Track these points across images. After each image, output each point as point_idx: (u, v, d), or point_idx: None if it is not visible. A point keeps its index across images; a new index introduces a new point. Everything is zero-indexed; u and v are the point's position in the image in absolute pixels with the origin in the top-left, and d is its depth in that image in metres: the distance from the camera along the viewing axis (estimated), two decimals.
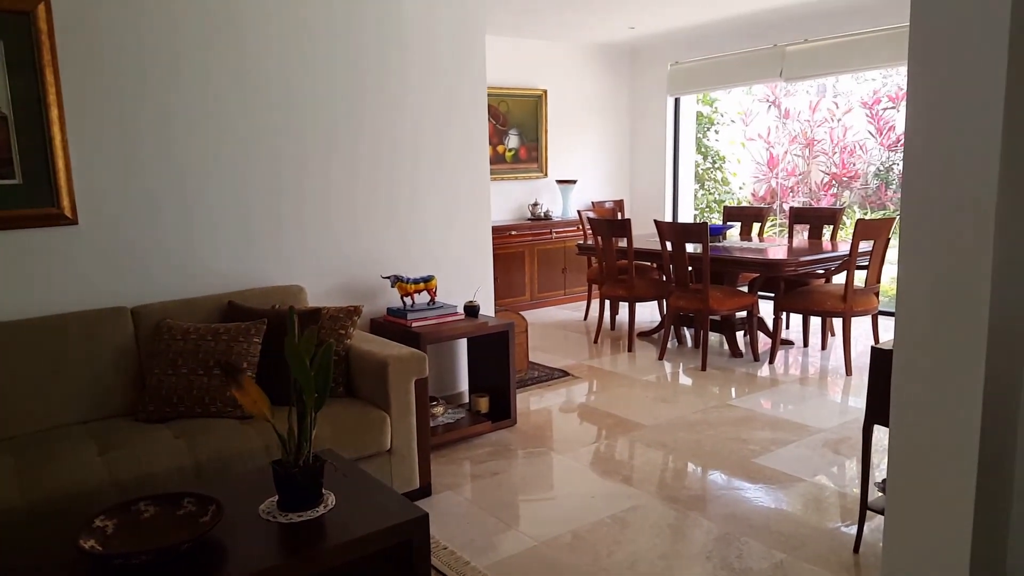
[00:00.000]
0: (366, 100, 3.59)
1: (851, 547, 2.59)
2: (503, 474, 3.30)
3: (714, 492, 3.10)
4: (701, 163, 9.56)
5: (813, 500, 3.00)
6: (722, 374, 4.82)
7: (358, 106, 3.57)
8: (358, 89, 3.56)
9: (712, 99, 9.58)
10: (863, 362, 4.86)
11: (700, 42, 7.22)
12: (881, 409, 2.24)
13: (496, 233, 6.26)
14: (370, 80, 3.59)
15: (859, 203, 9.18)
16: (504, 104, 7.04)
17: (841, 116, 9.25)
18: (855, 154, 9.24)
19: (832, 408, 4.15)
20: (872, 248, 4.64)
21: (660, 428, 3.83)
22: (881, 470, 2.89)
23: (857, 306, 4.63)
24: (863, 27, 5.99)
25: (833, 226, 5.64)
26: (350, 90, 3.53)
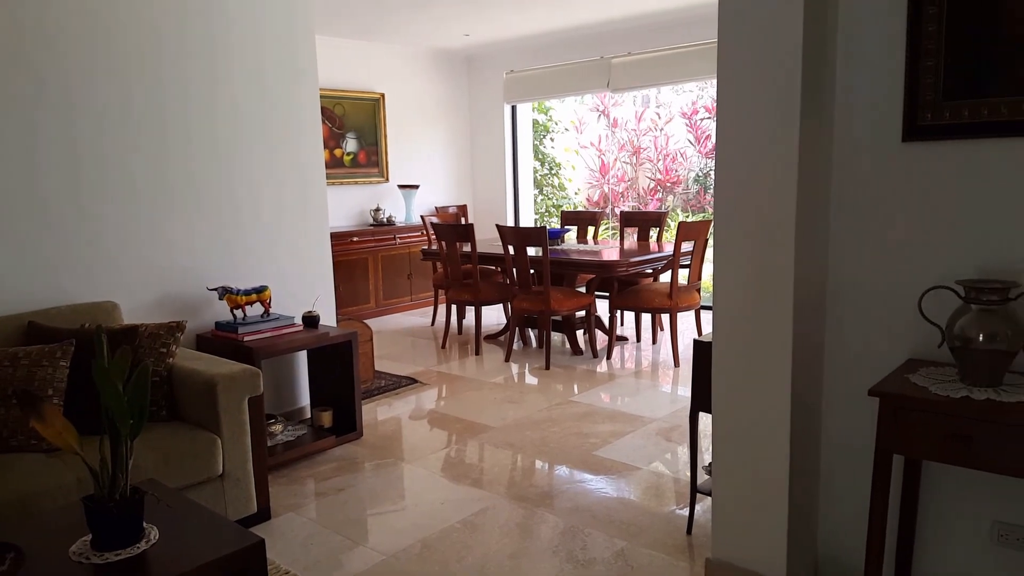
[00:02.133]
0: (188, 103, 3.34)
1: (684, 529, 2.76)
2: (350, 489, 3.19)
3: (560, 487, 3.18)
4: (539, 169, 9.86)
5: (650, 487, 3.17)
6: (565, 372, 4.98)
7: (179, 110, 3.31)
8: (178, 91, 3.30)
9: (547, 107, 9.91)
10: (689, 354, 5.21)
11: (534, 52, 7.44)
12: (704, 397, 2.40)
13: (336, 240, 6.08)
14: (192, 83, 3.35)
15: (682, 206, 9.87)
16: (340, 107, 6.86)
17: (663, 126, 9.90)
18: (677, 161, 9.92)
19: (664, 398, 4.42)
20: (693, 248, 5.00)
21: (508, 429, 3.89)
22: (709, 454, 3.11)
23: (682, 302, 4.97)
24: (680, 42, 6.44)
25: (659, 228, 6.00)
26: (168, 92, 3.27)
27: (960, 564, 2.10)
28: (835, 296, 2.23)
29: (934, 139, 2.00)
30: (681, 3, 5.85)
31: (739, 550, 2.30)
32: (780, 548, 2.19)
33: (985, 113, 1.91)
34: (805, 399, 2.22)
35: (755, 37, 2.05)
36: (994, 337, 1.76)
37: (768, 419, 2.18)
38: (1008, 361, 1.79)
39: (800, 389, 2.17)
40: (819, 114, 2.10)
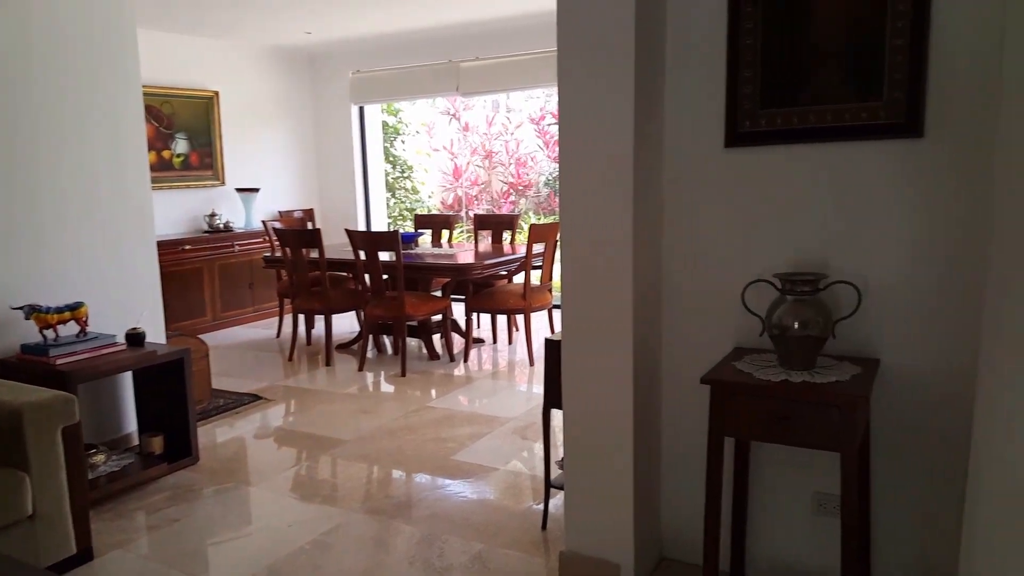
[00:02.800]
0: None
1: (540, 525, 2.79)
2: (186, 519, 2.95)
3: (417, 496, 3.12)
4: (391, 172, 9.70)
5: (508, 487, 3.18)
6: (422, 378, 4.91)
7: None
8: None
9: (396, 109, 9.78)
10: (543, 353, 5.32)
11: (381, 52, 7.30)
12: (556, 394, 2.44)
13: (166, 248, 5.65)
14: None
15: (534, 209, 10.09)
16: (168, 105, 6.39)
17: (513, 130, 10.08)
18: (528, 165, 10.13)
19: (520, 397, 4.47)
20: (544, 249, 5.10)
21: (362, 440, 3.76)
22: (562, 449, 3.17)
23: (535, 302, 5.06)
24: (527, 49, 6.56)
25: (512, 231, 6.08)
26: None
27: (787, 533, 2.26)
28: (670, 292, 2.34)
29: (753, 145, 2.14)
30: (526, 11, 5.96)
31: (590, 540, 2.35)
32: (627, 534, 2.27)
33: (795, 121, 2.07)
34: (646, 391, 2.30)
35: (591, 50, 2.11)
36: (807, 324, 1.91)
37: (613, 412, 2.24)
38: (820, 346, 1.94)
39: (641, 382, 2.25)
40: (652, 123, 2.19)
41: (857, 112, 1.98)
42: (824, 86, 2.02)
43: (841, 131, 2.01)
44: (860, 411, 1.80)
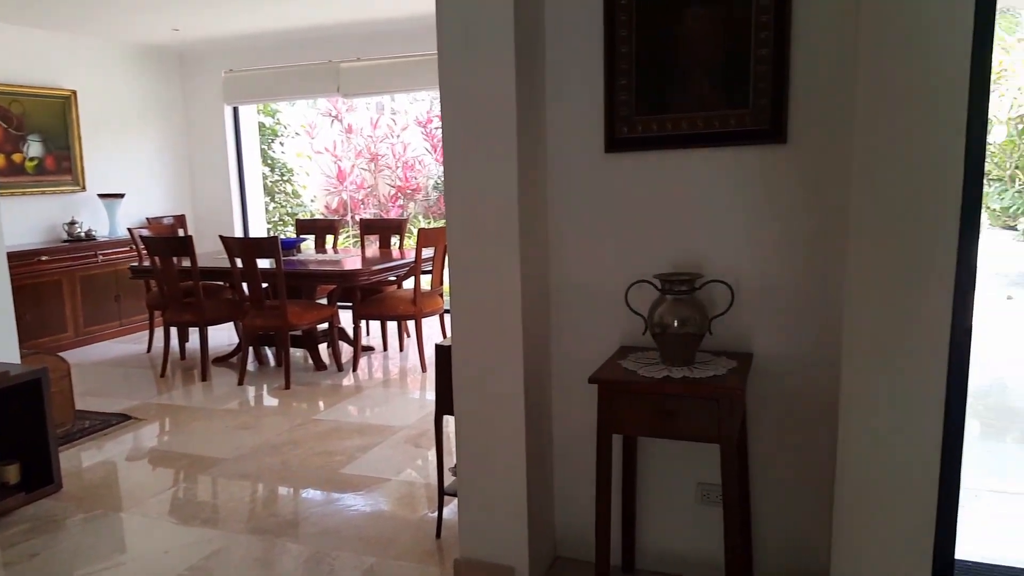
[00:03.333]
0: None
1: (434, 534, 2.75)
2: (48, 552, 2.70)
3: (305, 512, 3.00)
4: (269, 175, 9.34)
5: (401, 497, 3.12)
6: (308, 389, 4.74)
7: None
8: None
9: (274, 110, 9.43)
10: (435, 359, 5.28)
11: (256, 51, 7.01)
12: (447, 400, 2.42)
13: (18, 259, 5.19)
14: None
15: (423, 213, 10.01)
16: (18, 104, 5.85)
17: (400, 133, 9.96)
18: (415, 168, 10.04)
19: (412, 405, 4.41)
20: (434, 254, 5.06)
21: (244, 458, 3.59)
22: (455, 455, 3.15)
23: (426, 308, 5.01)
24: (410, 51, 6.49)
25: (400, 235, 6.00)
26: None
27: (674, 524, 2.35)
28: (558, 295, 2.37)
29: (630, 150, 2.21)
30: (409, 13, 5.89)
31: (484, 545, 2.34)
32: (521, 536, 2.28)
33: (669, 127, 2.15)
34: (537, 392, 2.32)
35: (471, 52, 2.11)
36: (686, 322, 1.99)
37: (504, 414, 2.25)
38: (698, 342, 2.03)
39: (532, 383, 2.27)
40: (535, 126, 2.22)
41: (726, 119, 2.08)
42: (696, 93, 2.11)
43: (711, 137, 2.11)
44: (737, 403, 1.90)
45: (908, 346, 1.83)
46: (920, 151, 1.72)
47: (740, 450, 2.16)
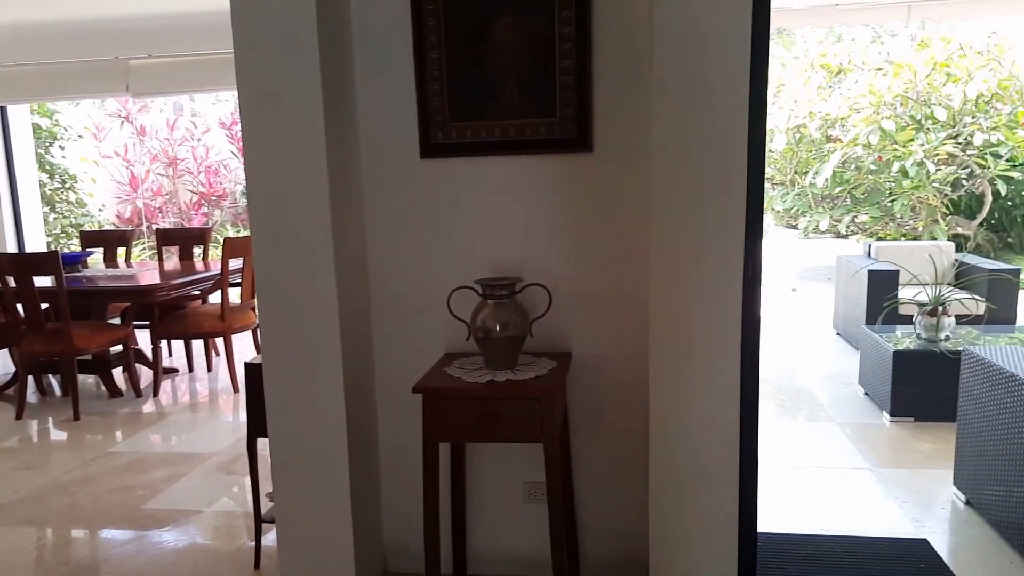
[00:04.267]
0: None
1: (252, 564, 2.58)
2: None
3: (104, 555, 2.69)
4: (48, 183, 8.31)
5: (216, 528, 2.89)
6: (102, 420, 4.26)
7: None
8: None
9: (51, 111, 8.41)
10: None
11: (26, 44, 6.18)
12: (260, 421, 2.26)
13: None
14: None
15: (231, 221, 9.40)
16: None
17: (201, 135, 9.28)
18: (220, 173, 9.40)
19: (224, 429, 4.11)
20: (243, 265, 4.75)
21: (26, 502, 3.15)
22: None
23: (236, 323, 4.69)
24: (210, 48, 6.05)
25: (204, 245, 5.58)
26: None
27: (504, 525, 2.37)
28: (379, 304, 2.31)
29: (446, 156, 2.21)
30: (208, 7, 5.49)
31: (308, 570, 2.23)
32: (348, 556, 2.19)
33: (483, 134, 2.18)
34: (359, 406, 2.25)
35: (272, 51, 2.00)
36: (508, 325, 2.01)
37: (324, 432, 2.15)
38: (520, 344, 2.06)
39: (354, 397, 2.19)
40: (346, 131, 2.15)
41: (536, 127, 2.14)
42: (508, 101, 2.15)
43: (524, 144, 2.16)
44: (557, 402, 1.95)
45: (706, 338, 1.98)
46: (708, 161, 1.87)
47: (563, 447, 2.23)
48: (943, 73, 8.23)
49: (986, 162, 8.17)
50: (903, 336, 4.14)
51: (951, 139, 8.19)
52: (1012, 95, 8.22)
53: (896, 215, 8.51)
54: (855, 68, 9.37)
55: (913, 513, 2.91)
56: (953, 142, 8.15)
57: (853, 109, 8.41)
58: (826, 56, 9.64)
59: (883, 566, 2.52)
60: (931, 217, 8.42)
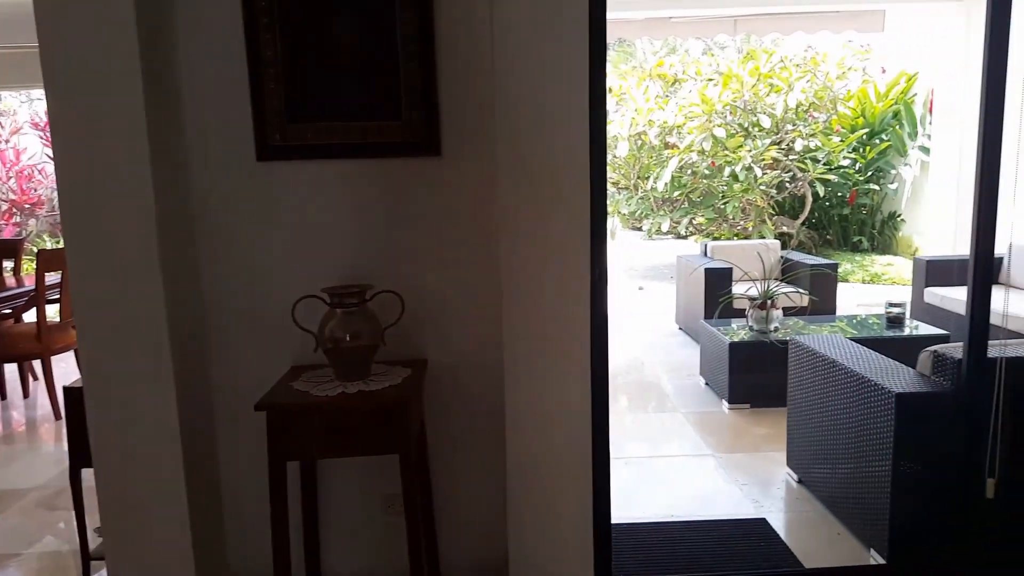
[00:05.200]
0: None
1: None
2: None
3: None
4: None
5: (39, 571, 2.60)
6: None
7: None
8: None
9: None
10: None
11: None
12: (85, 450, 2.04)
13: None
14: None
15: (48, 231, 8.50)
16: None
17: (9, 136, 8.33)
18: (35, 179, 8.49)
19: (46, 460, 3.70)
20: (62, 279, 4.30)
21: None
22: None
23: (55, 344, 4.23)
24: (17, 41, 5.45)
25: (16, 258, 5.01)
26: None
27: (361, 539, 2.29)
28: (217, 318, 2.16)
29: (286, 159, 2.10)
30: None
31: None
32: None
33: (326, 137, 2.09)
34: (197, 429, 2.09)
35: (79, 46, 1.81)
36: (359, 334, 1.94)
37: (157, 458, 1.98)
38: (372, 354, 2.00)
39: (190, 419, 2.03)
40: (173, 132, 1.99)
41: (381, 130, 2.08)
42: (351, 104, 2.08)
43: (369, 148, 2.10)
44: (413, 411, 1.91)
45: (557, 337, 2.01)
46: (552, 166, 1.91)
47: (420, 456, 2.19)
48: (767, 84, 8.99)
49: (806, 166, 9.00)
50: (738, 329, 4.46)
51: (775, 145, 8.95)
52: (827, 104, 9.12)
53: (729, 216, 9.17)
54: (689, 78, 10.02)
55: (753, 494, 3.13)
56: (777, 148, 8.91)
57: (688, 117, 8.99)
58: (663, 66, 10.25)
59: (728, 547, 2.68)
60: (759, 218, 9.16)
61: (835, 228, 10.09)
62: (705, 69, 10.37)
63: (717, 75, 9.85)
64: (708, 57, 12.25)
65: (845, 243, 9.99)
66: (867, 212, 9.88)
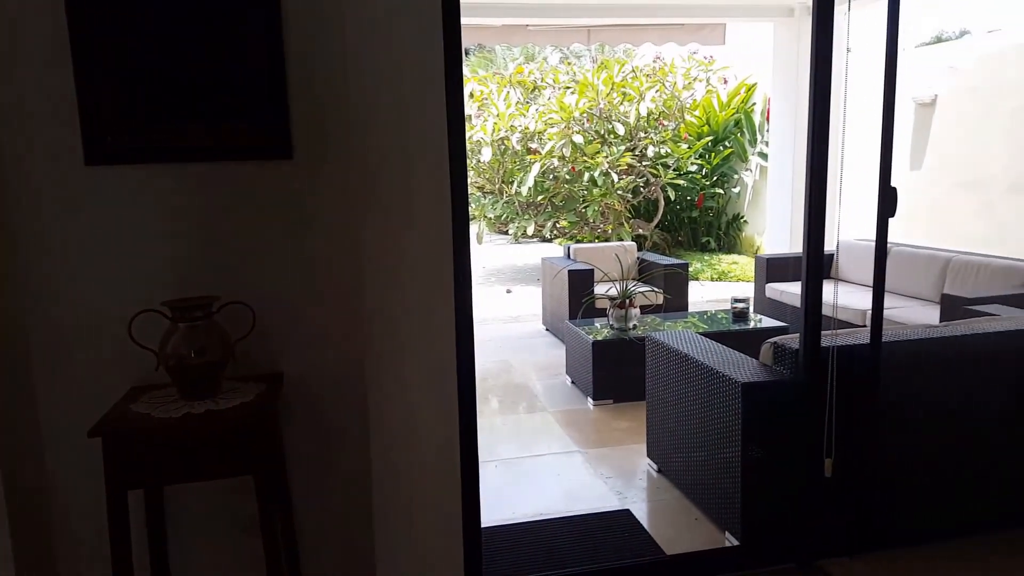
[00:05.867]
0: None
1: None
2: None
3: None
4: None
5: None
6: None
7: None
8: None
9: None
10: None
11: None
12: None
13: None
14: None
15: None
16: None
17: None
18: None
19: None
20: None
21: None
22: None
23: None
24: None
25: None
26: None
27: (214, 567, 2.13)
28: (40, 337, 1.94)
29: (121, 163, 1.92)
30: None
31: None
32: None
33: (167, 139, 1.93)
34: (20, 461, 1.87)
35: None
36: (205, 350, 1.81)
37: None
38: (221, 370, 1.86)
39: (10, 453, 1.81)
40: None
41: (228, 132, 1.95)
42: (197, 104, 1.93)
43: (214, 150, 1.96)
44: (268, 428, 1.80)
45: (421, 342, 1.98)
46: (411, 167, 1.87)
47: (278, 474, 2.07)
48: (620, 93, 9.39)
49: (658, 172, 9.48)
50: (601, 328, 4.61)
51: (630, 152, 9.37)
52: (675, 113, 9.65)
53: (590, 220, 9.50)
54: (548, 85, 10.28)
55: (617, 487, 3.23)
56: (631, 154, 9.33)
57: (547, 123, 9.22)
58: (522, 73, 10.45)
59: (595, 540, 2.75)
60: (617, 221, 9.55)
61: (686, 230, 10.72)
62: (563, 77, 10.69)
63: (574, 83, 10.18)
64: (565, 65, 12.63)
65: (695, 244, 10.63)
66: (714, 214, 10.57)
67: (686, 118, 9.91)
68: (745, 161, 10.10)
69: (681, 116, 9.76)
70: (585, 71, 10.54)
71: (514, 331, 6.42)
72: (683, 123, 9.89)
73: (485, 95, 9.67)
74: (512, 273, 10.05)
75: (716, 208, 10.52)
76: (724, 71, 9.87)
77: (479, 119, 9.48)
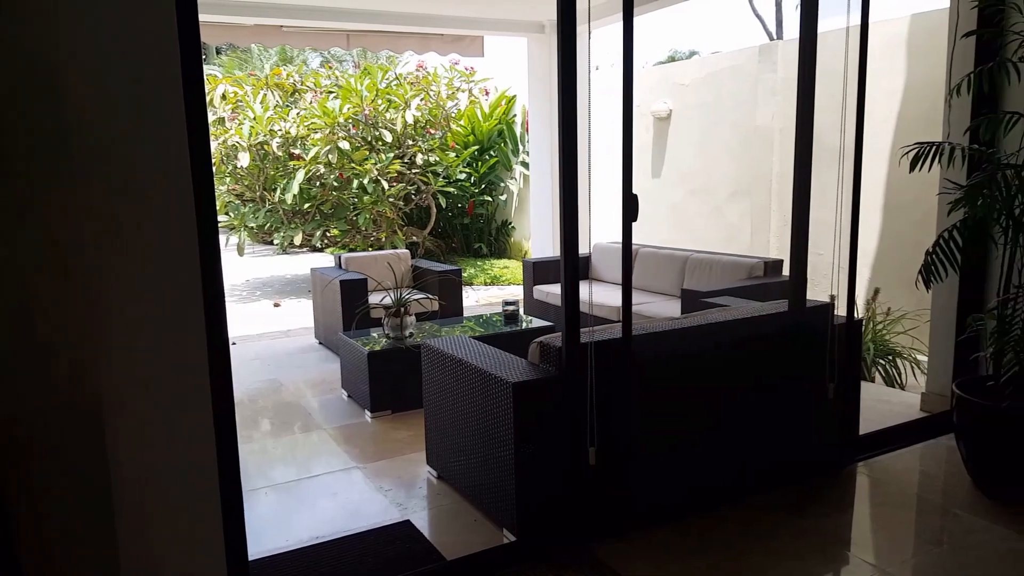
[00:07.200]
0: None
1: None
2: None
3: None
4: None
5: None
6: None
7: None
8: None
9: None
10: None
11: None
12: None
13: None
14: None
15: None
16: None
17: None
18: None
19: None
20: None
21: None
22: None
23: None
24: None
25: None
26: None
27: None
28: None
29: None
30: None
31: None
32: None
33: None
34: None
35: None
36: None
37: None
38: None
39: None
40: None
41: None
42: None
43: None
44: None
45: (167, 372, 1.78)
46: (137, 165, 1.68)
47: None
48: (385, 99, 9.32)
49: (429, 179, 9.57)
50: (377, 338, 4.52)
51: (399, 159, 9.34)
52: (441, 121, 9.81)
53: (361, 228, 9.32)
54: (308, 89, 9.92)
55: (398, 498, 3.18)
56: (400, 162, 9.31)
57: (310, 128, 8.89)
58: (280, 75, 9.99)
59: (375, 558, 2.67)
60: (391, 228, 9.48)
61: (458, 236, 10.95)
62: (324, 81, 10.39)
63: (337, 88, 9.93)
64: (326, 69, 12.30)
65: (468, 249, 10.91)
66: (484, 221, 10.92)
67: (452, 127, 10.11)
68: (510, 170, 10.56)
69: (447, 125, 9.95)
70: (348, 76, 10.34)
71: (285, 347, 6.08)
72: (449, 132, 10.08)
73: (240, 97, 9.08)
74: (280, 285, 9.55)
75: (486, 215, 10.87)
76: (485, 82, 10.22)
77: (234, 122, 8.88)
